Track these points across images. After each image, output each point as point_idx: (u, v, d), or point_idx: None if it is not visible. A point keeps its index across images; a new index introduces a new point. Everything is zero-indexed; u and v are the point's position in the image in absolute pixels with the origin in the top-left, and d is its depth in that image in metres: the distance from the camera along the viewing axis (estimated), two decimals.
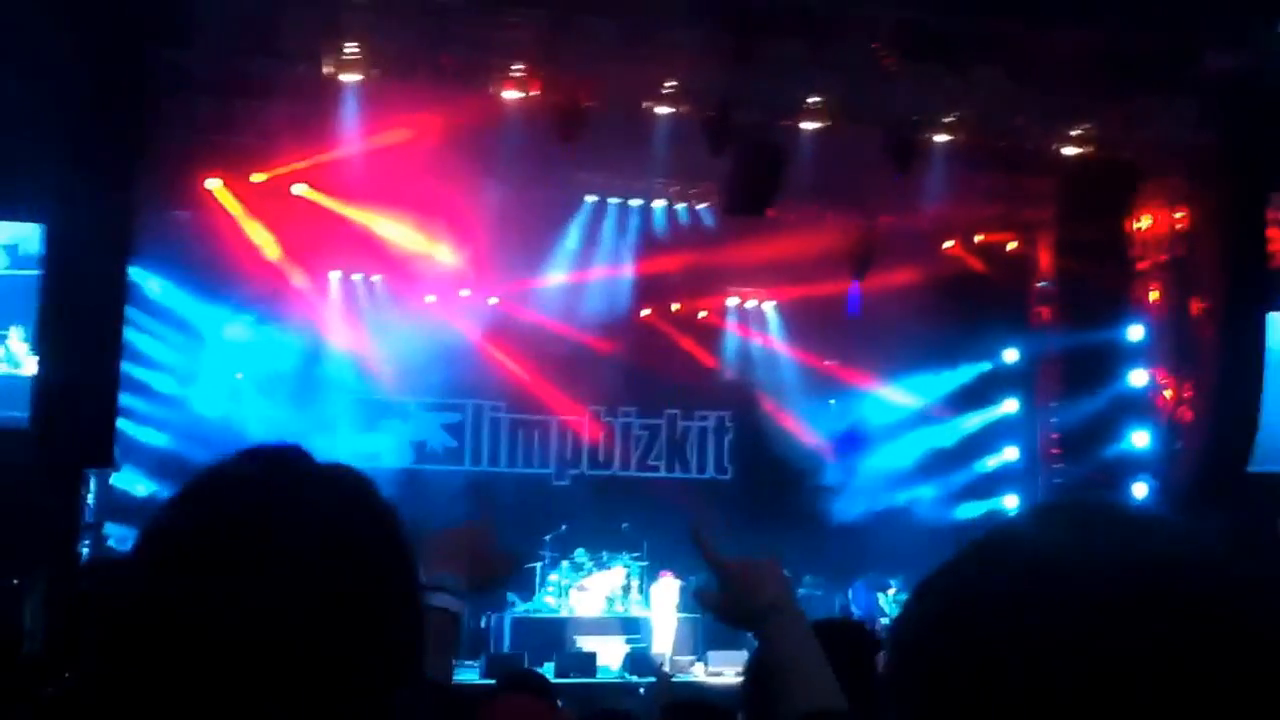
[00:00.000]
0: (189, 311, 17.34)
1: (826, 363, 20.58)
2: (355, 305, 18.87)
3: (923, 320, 18.60)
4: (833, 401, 20.91)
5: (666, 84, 14.97)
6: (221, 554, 1.42)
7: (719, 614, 2.72)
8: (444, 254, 17.62)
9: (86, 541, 15.27)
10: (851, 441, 20.80)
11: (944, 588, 1.14)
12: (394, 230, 17.33)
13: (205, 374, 17.62)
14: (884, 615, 17.65)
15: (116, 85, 13.70)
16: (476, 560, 2.61)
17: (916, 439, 20.63)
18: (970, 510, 19.97)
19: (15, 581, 13.02)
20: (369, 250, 17.51)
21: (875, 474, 20.48)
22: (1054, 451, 19.29)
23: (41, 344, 14.28)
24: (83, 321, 14.00)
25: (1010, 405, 20.40)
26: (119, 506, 16.08)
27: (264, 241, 17.16)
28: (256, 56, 14.05)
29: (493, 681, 12.67)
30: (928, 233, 18.57)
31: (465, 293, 19.10)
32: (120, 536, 15.65)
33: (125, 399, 15.80)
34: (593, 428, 20.65)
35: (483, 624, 18.13)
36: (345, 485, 1.57)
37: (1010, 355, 20.33)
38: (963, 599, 1.11)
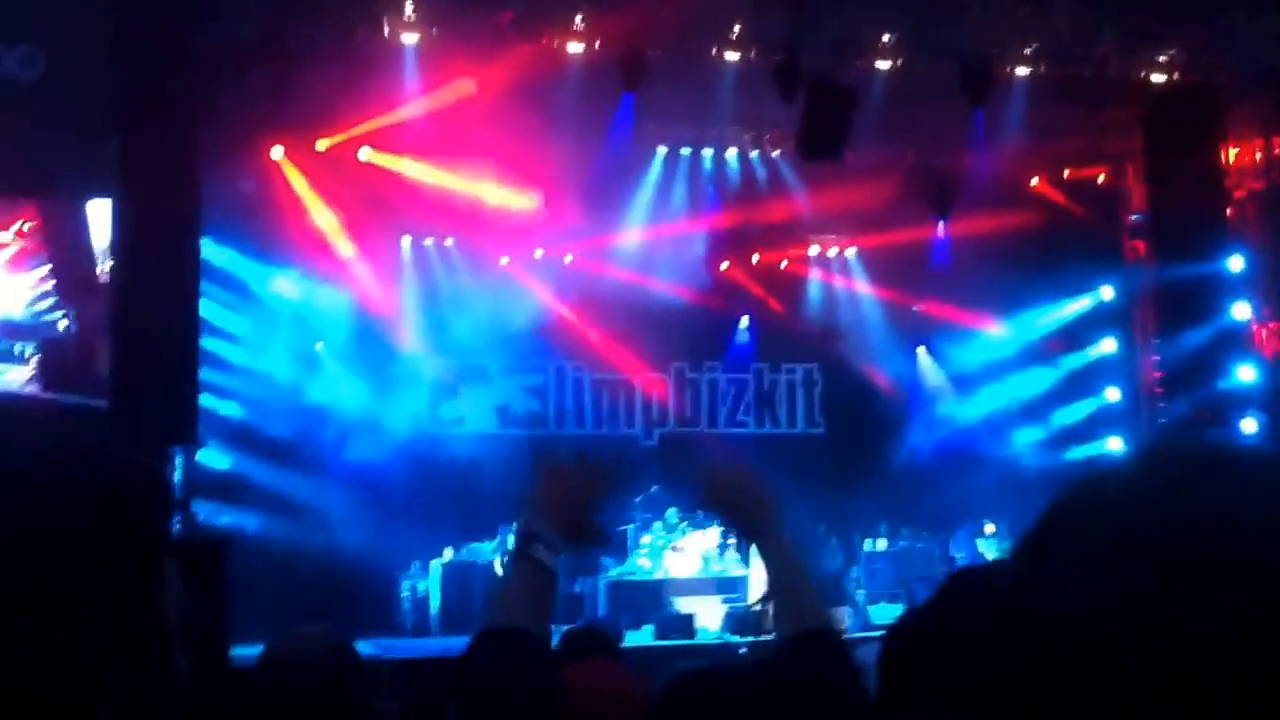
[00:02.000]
0: (260, 282, 17.47)
1: (916, 308, 20.28)
2: (429, 270, 18.88)
3: (1012, 261, 18.31)
4: (921, 348, 20.65)
5: (732, 28, 14.80)
6: None
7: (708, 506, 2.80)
8: (518, 201, 17.45)
9: (177, 519, 15.45)
10: (929, 391, 20.61)
11: (1031, 545, 1.10)
12: (464, 185, 17.21)
13: (281, 344, 17.72)
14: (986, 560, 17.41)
15: (178, 57, 13.82)
16: (574, 516, 2.58)
17: (1013, 383, 20.35)
18: (1073, 453, 19.66)
19: None
20: (440, 212, 17.47)
21: (972, 420, 20.23)
22: (1157, 390, 18.86)
23: (117, 322, 14.47)
24: (158, 297, 14.14)
25: (1109, 344, 20.03)
26: (203, 483, 16.25)
27: (329, 209, 17.24)
28: (316, 21, 14.08)
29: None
30: (1012, 171, 18.14)
31: (539, 253, 19.07)
32: (208, 513, 15.79)
33: (212, 377, 16.01)
34: (678, 385, 20.51)
35: (577, 589, 18.12)
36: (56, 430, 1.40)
37: (1106, 293, 19.92)
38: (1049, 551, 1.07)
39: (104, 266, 14.88)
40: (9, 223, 16.03)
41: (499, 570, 17.63)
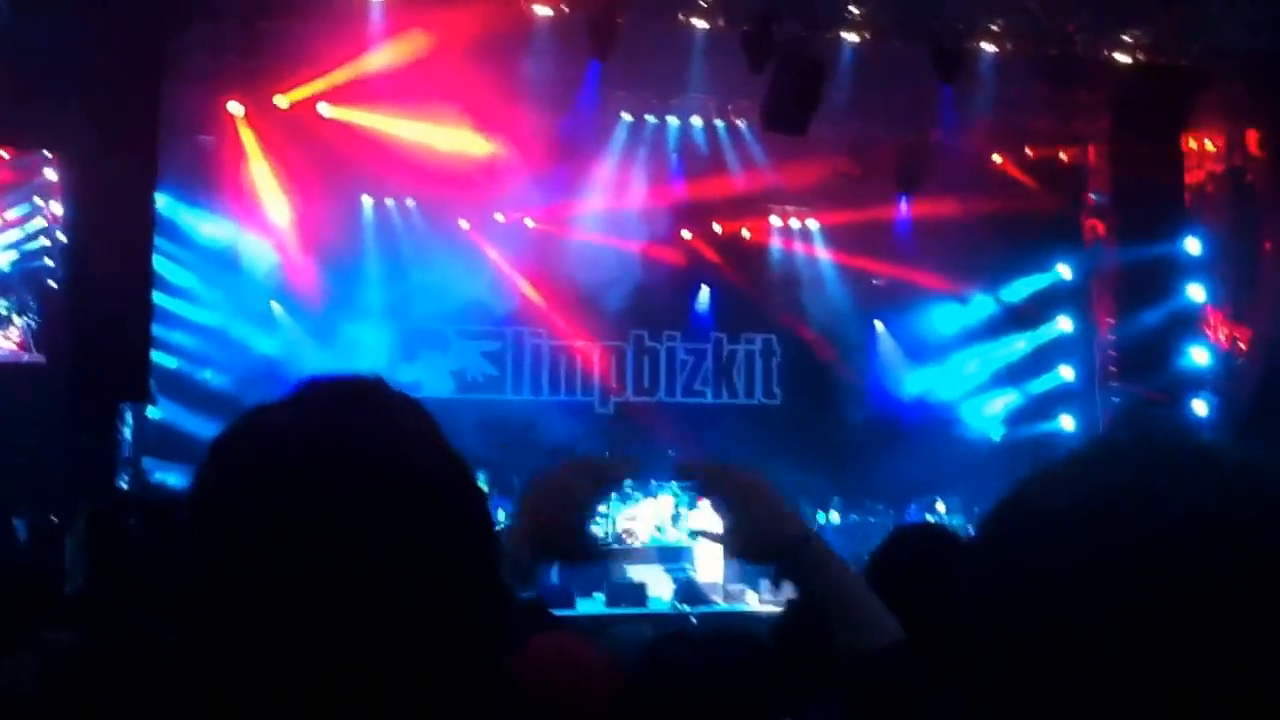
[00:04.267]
0: (215, 239, 17.29)
1: (876, 282, 20.31)
2: (389, 230, 18.75)
3: (973, 239, 18.35)
4: (879, 322, 20.68)
5: None
6: (298, 492, 1.36)
7: (732, 548, 2.47)
8: (480, 148, 17.14)
9: (126, 477, 15.29)
10: (886, 364, 20.66)
11: (997, 528, 1.16)
12: (424, 135, 16.88)
13: (235, 302, 17.55)
14: None
15: (138, 12, 13.66)
16: (557, 522, 2.35)
17: (969, 359, 20.41)
18: (1027, 430, 19.78)
19: (54, 519, 13.12)
20: (401, 170, 17.22)
21: (928, 395, 20.29)
22: (1112, 370, 18.97)
23: (69, 278, 14.28)
24: (110, 253, 13.99)
25: (1065, 324, 20.09)
26: (159, 441, 16.08)
27: (287, 166, 17.02)
28: None
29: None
30: (976, 148, 18.19)
31: (500, 217, 18.97)
32: (160, 470, 15.63)
33: (161, 332, 15.82)
34: (637, 353, 20.48)
35: None
36: (425, 424, 1.48)
37: (1064, 271, 19.98)
38: (1015, 536, 1.13)
39: None
40: None
41: None
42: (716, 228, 20.25)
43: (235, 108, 16.67)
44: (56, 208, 14.71)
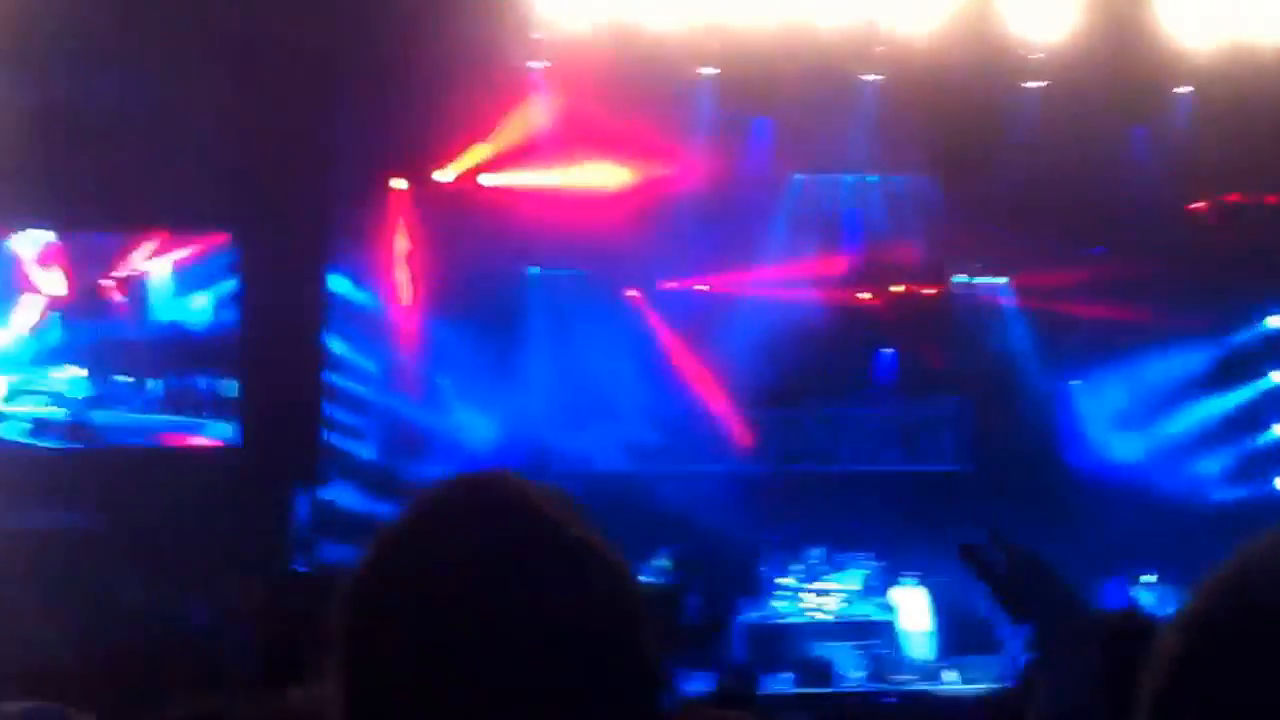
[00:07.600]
0: (384, 316, 17.40)
1: (1071, 340, 19.59)
2: (557, 301, 18.71)
3: (1174, 290, 17.66)
4: (1077, 381, 19.95)
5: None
6: (454, 604, 1.41)
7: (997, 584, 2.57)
8: (643, 194, 16.96)
9: (301, 560, 15.44)
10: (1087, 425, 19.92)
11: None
12: (589, 183, 16.87)
13: (403, 378, 17.65)
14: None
15: (304, 88, 13.88)
16: None
17: (1176, 416, 19.59)
18: (1239, 493, 18.93)
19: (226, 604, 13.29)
20: (565, 240, 17.26)
21: (1133, 457, 19.50)
22: None
23: (243, 360, 14.50)
24: (284, 333, 14.20)
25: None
26: (331, 521, 16.18)
27: (452, 240, 17.08)
28: (438, 50, 14.04)
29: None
30: (1174, 193, 17.45)
31: (669, 284, 18.90)
32: (334, 552, 15.72)
33: (330, 410, 16.00)
34: (814, 419, 20.06)
35: None
36: (574, 523, 1.54)
37: (1277, 321, 19.11)
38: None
39: None
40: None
41: None
42: (898, 288, 19.76)
43: (398, 183, 16.81)
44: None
